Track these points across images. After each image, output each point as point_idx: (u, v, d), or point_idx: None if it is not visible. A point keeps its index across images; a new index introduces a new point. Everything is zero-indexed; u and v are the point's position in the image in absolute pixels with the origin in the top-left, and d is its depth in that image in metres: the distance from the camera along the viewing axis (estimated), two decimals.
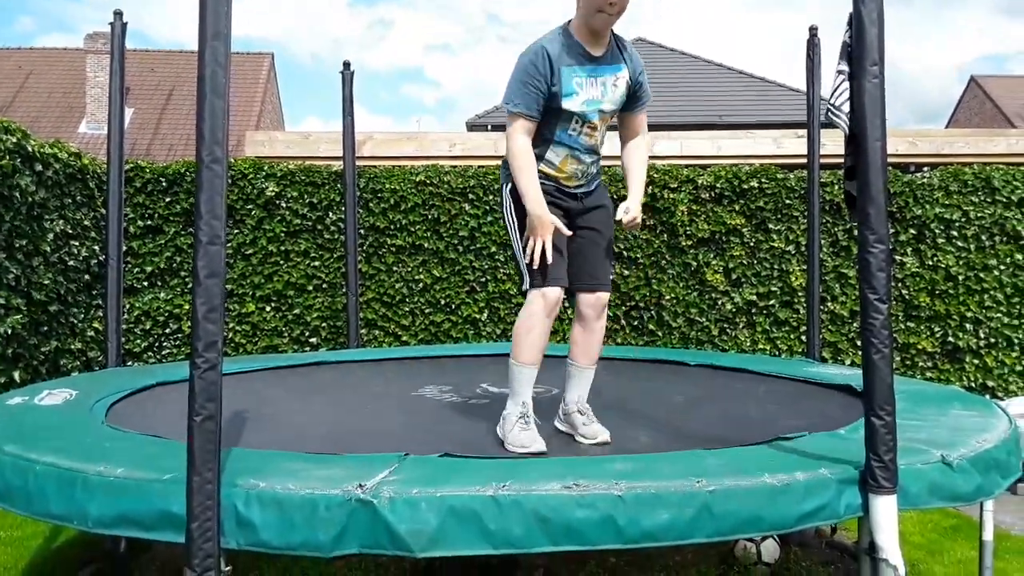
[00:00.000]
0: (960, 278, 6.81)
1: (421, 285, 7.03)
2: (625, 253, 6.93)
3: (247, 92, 22.81)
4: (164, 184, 6.94)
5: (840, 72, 2.39)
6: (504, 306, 7.00)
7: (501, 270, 7.01)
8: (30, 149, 5.35)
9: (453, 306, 7.02)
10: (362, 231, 6.94)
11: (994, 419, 2.87)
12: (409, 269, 7.03)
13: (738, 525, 2.02)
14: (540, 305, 2.86)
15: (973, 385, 6.79)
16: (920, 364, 6.85)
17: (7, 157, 5.02)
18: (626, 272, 6.94)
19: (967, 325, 6.81)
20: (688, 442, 2.67)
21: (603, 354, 4.75)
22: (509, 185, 2.91)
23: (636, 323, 6.96)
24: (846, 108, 2.83)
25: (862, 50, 2.21)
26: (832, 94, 2.43)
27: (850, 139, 2.34)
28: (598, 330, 3.10)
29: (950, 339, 6.82)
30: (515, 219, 2.90)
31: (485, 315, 7.01)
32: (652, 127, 4.29)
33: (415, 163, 7.64)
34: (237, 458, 2.21)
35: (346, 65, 5.87)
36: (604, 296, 3.05)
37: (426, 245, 7.02)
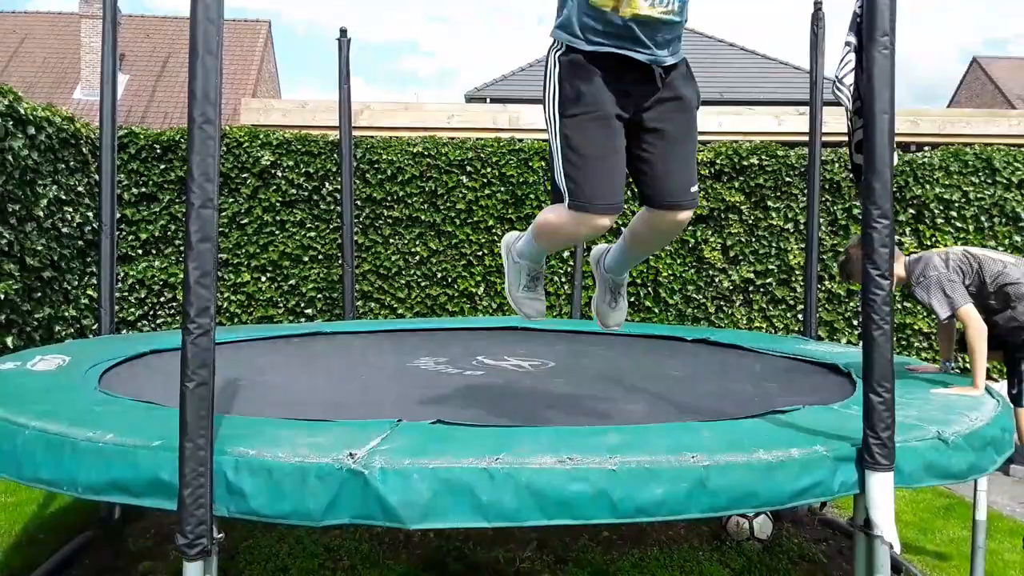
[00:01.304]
0: None
1: (418, 258, 6.99)
2: (622, 229, 6.89)
3: (244, 60, 22.58)
4: (158, 151, 6.87)
5: (848, 44, 2.35)
6: (500, 280, 6.97)
7: (498, 244, 6.97)
8: (22, 112, 5.28)
9: (450, 279, 7.00)
10: (358, 202, 6.90)
11: (983, 398, 2.88)
12: (406, 241, 6.99)
13: (733, 501, 2.01)
14: (574, 227, 2.22)
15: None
16: (916, 344, 6.85)
17: None
18: None
19: None
20: (683, 416, 2.66)
21: (600, 329, 4.76)
22: (560, 49, 2.18)
23: (632, 299, 6.94)
24: (849, 81, 2.80)
25: (872, 20, 2.16)
26: (838, 66, 2.39)
27: (859, 112, 2.30)
28: (663, 244, 2.76)
29: None
30: (558, 102, 2.18)
31: (482, 289, 6.98)
32: None
33: (412, 134, 7.57)
34: (229, 425, 2.19)
35: (342, 32, 5.79)
36: (685, 216, 2.34)
37: (423, 217, 6.98)
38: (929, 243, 6.79)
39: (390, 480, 1.90)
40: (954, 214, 6.79)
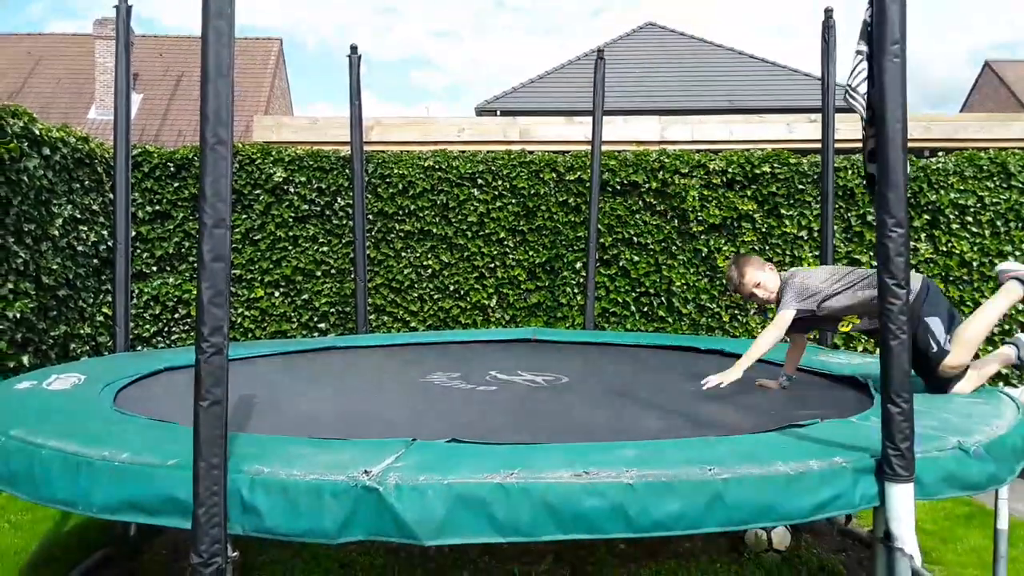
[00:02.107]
0: (975, 264, 6.73)
1: (430, 271, 7.00)
2: (635, 239, 6.88)
3: (256, 78, 22.76)
4: (172, 169, 6.92)
5: (859, 52, 2.34)
6: (512, 292, 6.97)
7: (510, 256, 6.97)
8: (37, 133, 5.33)
9: (462, 292, 7.00)
10: (370, 216, 6.92)
11: (1003, 406, 2.83)
12: (417, 255, 7.00)
13: (751, 515, 1.99)
14: None
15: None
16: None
17: (14, 141, 5.00)
18: (636, 258, 6.88)
19: None
20: (699, 429, 2.63)
21: (613, 340, 4.73)
22: None
23: (646, 309, 6.92)
24: (862, 89, 2.78)
25: (883, 28, 2.15)
26: (850, 75, 2.37)
27: (871, 121, 2.28)
28: None
29: None
30: None
31: (494, 301, 6.98)
32: (663, 112, 4.24)
33: (423, 148, 7.60)
34: (243, 443, 2.19)
35: (353, 49, 5.82)
36: None
37: (434, 231, 6.99)
38: (945, 248, 6.73)
39: (405, 497, 1.89)
40: (970, 219, 6.73)
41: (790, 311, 3.39)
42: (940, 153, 7.24)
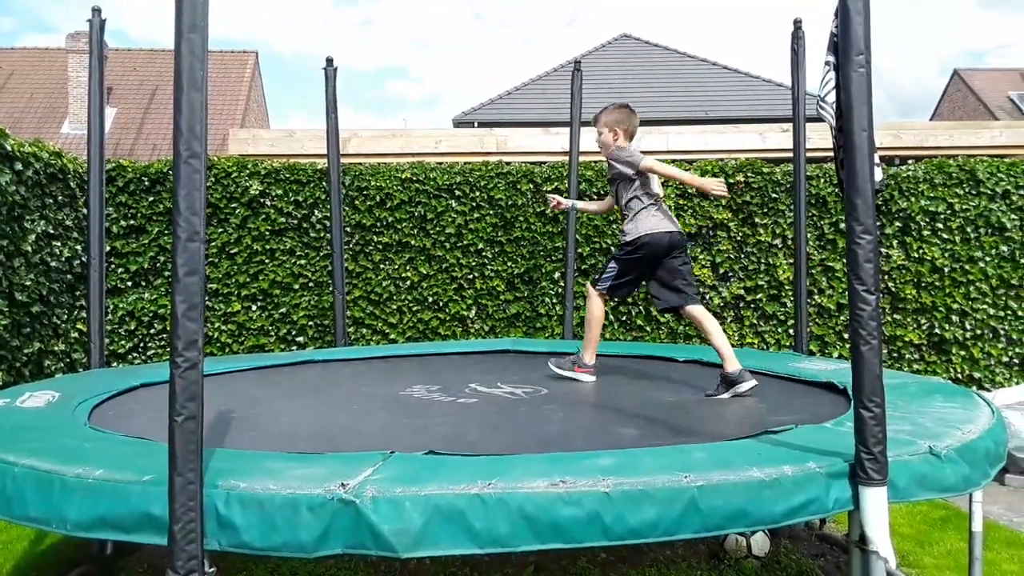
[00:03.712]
0: (946, 270, 6.83)
1: (408, 283, 6.99)
2: (613, 249, 6.92)
3: (232, 91, 22.69)
4: (147, 183, 6.88)
5: (827, 63, 2.39)
6: (492, 303, 6.97)
7: (488, 267, 6.98)
8: (9, 148, 5.28)
9: (441, 303, 6.99)
10: (348, 229, 6.91)
11: (977, 410, 2.87)
12: (396, 267, 7.00)
13: (725, 520, 2.00)
14: None
15: (960, 377, 6.82)
16: (907, 356, 6.88)
17: None
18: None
19: (953, 317, 6.84)
20: (676, 437, 2.66)
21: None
22: None
23: (624, 318, 6.95)
24: (831, 99, 2.83)
25: (848, 40, 2.19)
26: (820, 85, 2.42)
27: (840, 129, 2.33)
28: None
29: (936, 331, 6.84)
30: None
31: (473, 312, 6.99)
32: (639, 122, 4.31)
33: (401, 160, 7.61)
34: (219, 458, 2.18)
35: (329, 61, 5.82)
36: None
37: (413, 242, 6.99)
38: (916, 255, 6.83)
39: (382, 509, 1.89)
40: (940, 226, 6.84)
41: (650, 158, 3.94)
42: (910, 161, 7.35)
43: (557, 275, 6.92)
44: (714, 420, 3.06)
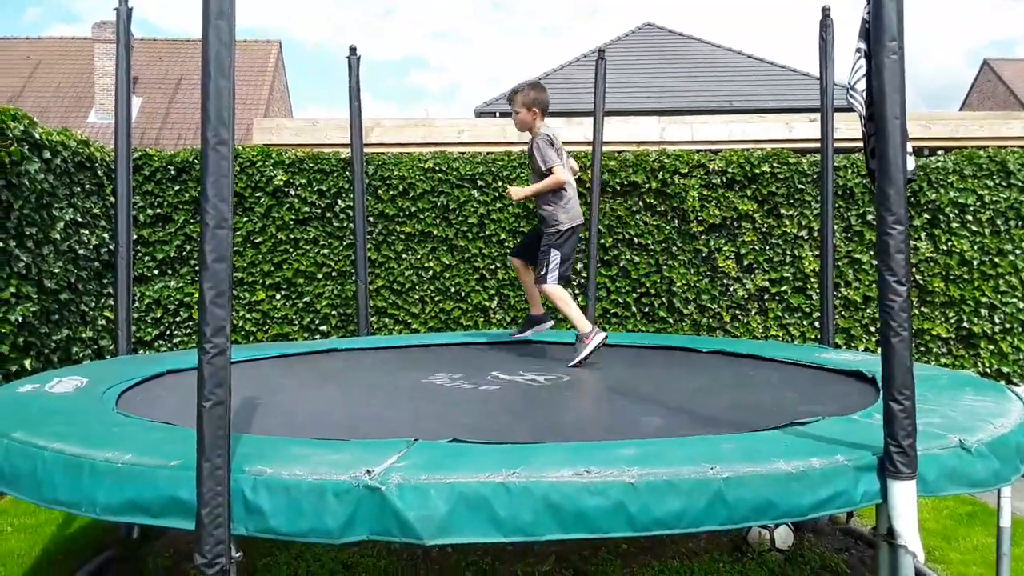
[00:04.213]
0: (975, 263, 6.73)
1: (431, 273, 7.01)
2: (635, 239, 6.89)
3: (256, 80, 22.81)
4: (173, 172, 6.93)
5: (858, 51, 2.34)
6: (514, 293, 6.97)
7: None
8: (37, 136, 5.34)
9: (463, 294, 7.00)
10: (371, 218, 6.93)
11: (1008, 404, 2.82)
12: (418, 257, 7.01)
13: (752, 512, 1.99)
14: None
15: (988, 371, 6.73)
16: (935, 350, 6.79)
17: (14, 144, 5.01)
18: (636, 258, 6.89)
19: (982, 311, 6.74)
20: (701, 428, 2.64)
21: (614, 341, 4.75)
22: None
23: (647, 309, 6.92)
24: (861, 87, 2.79)
25: (880, 25, 2.15)
26: (850, 72, 2.38)
27: (871, 117, 2.29)
28: None
29: (965, 325, 6.75)
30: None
31: (495, 302, 6.99)
32: (663, 112, 4.29)
33: (423, 150, 7.61)
34: (246, 444, 2.19)
35: (352, 50, 5.82)
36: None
37: (435, 232, 7.00)
38: (945, 247, 6.74)
39: (407, 496, 1.90)
40: (969, 218, 6.73)
41: (557, 169, 4.36)
42: (940, 152, 7.25)
43: (579, 266, 6.90)
44: (739, 411, 3.04)
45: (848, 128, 6.79)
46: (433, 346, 5.21)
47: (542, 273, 4.48)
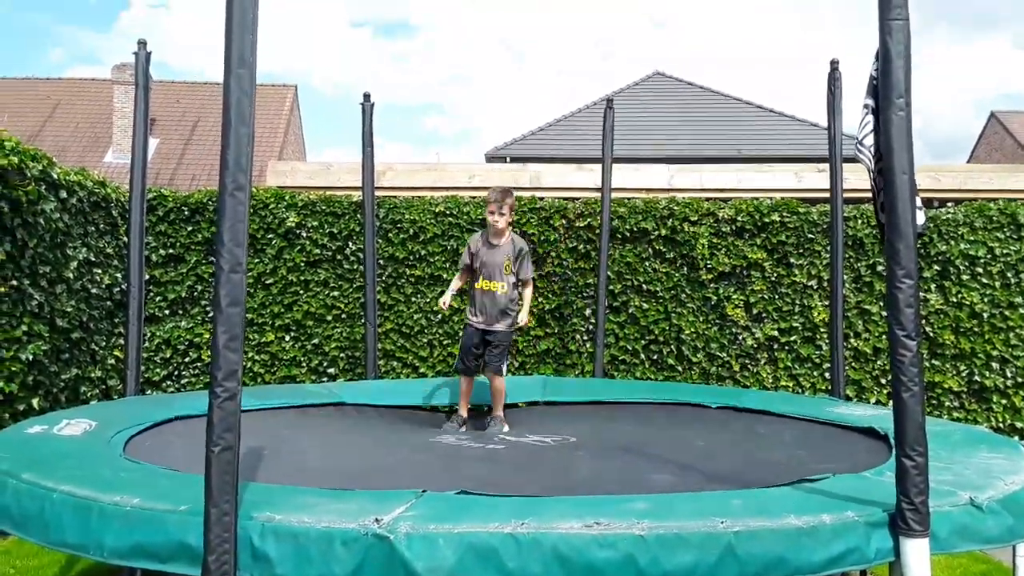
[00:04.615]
0: (985, 315, 6.71)
1: (440, 316, 7.02)
2: (644, 286, 6.90)
3: (271, 124, 23.12)
4: (186, 213, 7.01)
5: (866, 107, 2.38)
6: (522, 339, 6.97)
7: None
8: (55, 176, 5.42)
9: None
10: (381, 261, 6.96)
11: (1022, 461, 2.80)
12: (428, 300, 7.03)
13: (763, 568, 1.96)
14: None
15: (1001, 426, 6.66)
16: (947, 404, 6.73)
17: (32, 184, 5.08)
18: (645, 305, 6.89)
19: (993, 364, 6.70)
20: (710, 485, 2.62)
21: (622, 397, 4.74)
22: None
23: (655, 357, 6.90)
24: (868, 142, 2.82)
25: (888, 83, 2.19)
26: (859, 127, 2.41)
27: (880, 172, 2.32)
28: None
29: (976, 378, 6.70)
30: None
31: None
32: (672, 160, 4.34)
33: (434, 194, 7.67)
34: (254, 491, 2.19)
35: (366, 97, 5.93)
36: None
37: (445, 276, 7.03)
38: (955, 299, 6.72)
39: (416, 545, 1.89)
40: (980, 270, 6.73)
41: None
42: (949, 204, 7.27)
43: (588, 312, 6.90)
44: (749, 467, 3.02)
45: (857, 179, 6.83)
46: (440, 407, 5.20)
47: (501, 365, 4.82)
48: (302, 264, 7.02)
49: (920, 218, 3.46)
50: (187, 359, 6.97)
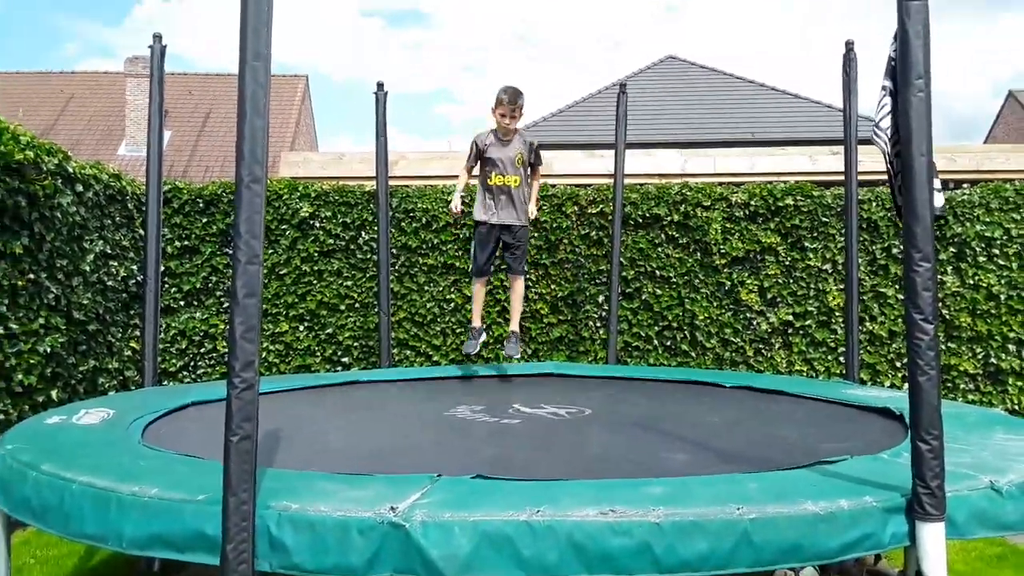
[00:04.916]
0: (1002, 297, 6.64)
1: (452, 305, 7.03)
2: (658, 272, 6.87)
3: (282, 114, 23.15)
4: (201, 205, 7.04)
5: (884, 88, 2.35)
6: (535, 326, 6.97)
7: (532, 290, 6.98)
8: (71, 170, 5.45)
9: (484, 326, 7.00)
10: (394, 250, 6.97)
11: None
12: (440, 289, 7.04)
13: (779, 555, 1.96)
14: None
15: (1017, 408, 6.61)
16: (962, 386, 6.69)
17: (48, 178, 5.11)
18: (658, 291, 6.87)
19: (1010, 346, 6.64)
20: (726, 465, 2.61)
21: (637, 375, 4.71)
22: None
23: (669, 343, 6.89)
24: (886, 124, 2.79)
25: (907, 64, 2.16)
26: (876, 110, 2.38)
27: (898, 155, 2.29)
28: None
29: (992, 360, 6.65)
30: None
31: None
32: (685, 144, 4.32)
33: (447, 182, 7.67)
34: (271, 478, 2.21)
35: (379, 86, 5.92)
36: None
37: (458, 264, 7.03)
38: (972, 282, 6.66)
39: (431, 534, 1.90)
40: (996, 252, 6.66)
41: None
42: (965, 184, 7.19)
43: (601, 298, 6.89)
44: (765, 447, 3.01)
45: (872, 161, 6.76)
46: (454, 378, 5.22)
47: (524, 266, 5.11)
48: (315, 254, 7.04)
49: (938, 200, 3.43)
50: (203, 350, 7.02)
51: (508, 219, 4.87)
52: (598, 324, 6.93)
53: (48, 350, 5.06)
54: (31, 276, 4.96)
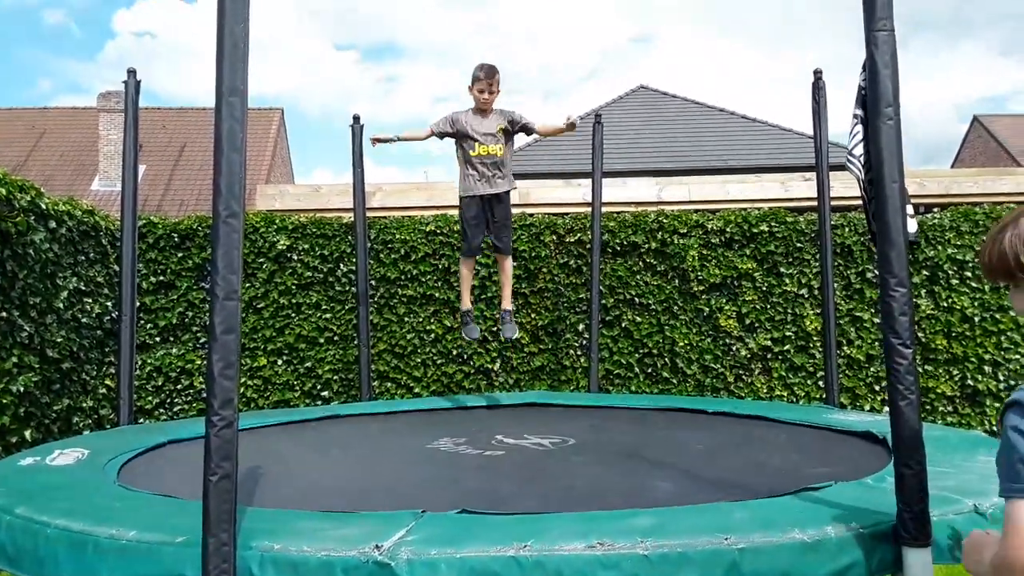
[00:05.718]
0: (976, 319, 6.74)
1: (432, 335, 7.00)
2: (637, 299, 6.90)
3: (257, 147, 23.12)
4: (176, 239, 6.98)
5: (855, 116, 2.39)
6: (516, 355, 6.96)
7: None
8: (44, 206, 5.39)
9: (465, 356, 6.98)
10: (373, 282, 6.95)
11: None
12: (421, 320, 7.01)
13: None
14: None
15: (996, 429, 6.67)
16: (940, 408, 6.75)
17: (21, 215, 5.05)
18: (638, 318, 6.89)
19: (986, 367, 6.72)
20: (712, 493, 2.61)
21: (619, 403, 4.71)
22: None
23: (650, 370, 6.90)
24: (858, 151, 2.84)
25: (876, 93, 2.20)
26: (848, 138, 2.42)
27: (871, 182, 2.33)
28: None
29: (969, 382, 6.72)
30: None
31: (497, 364, 6.96)
32: (659, 173, 4.37)
33: (425, 213, 7.68)
34: (252, 518, 2.17)
35: (355, 119, 5.93)
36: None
37: (437, 295, 7.02)
38: (945, 304, 6.75)
39: (418, 571, 1.87)
40: (968, 274, 6.76)
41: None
42: (935, 209, 7.32)
43: (581, 327, 6.90)
44: (749, 473, 3.01)
45: (843, 187, 6.87)
46: (436, 411, 5.19)
47: (511, 244, 5.21)
48: (293, 287, 7.00)
49: (912, 226, 3.48)
50: (179, 386, 6.93)
51: (495, 188, 4.96)
52: (579, 352, 6.93)
53: (21, 389, 4.97)
54: (3, 314, 4.88)
